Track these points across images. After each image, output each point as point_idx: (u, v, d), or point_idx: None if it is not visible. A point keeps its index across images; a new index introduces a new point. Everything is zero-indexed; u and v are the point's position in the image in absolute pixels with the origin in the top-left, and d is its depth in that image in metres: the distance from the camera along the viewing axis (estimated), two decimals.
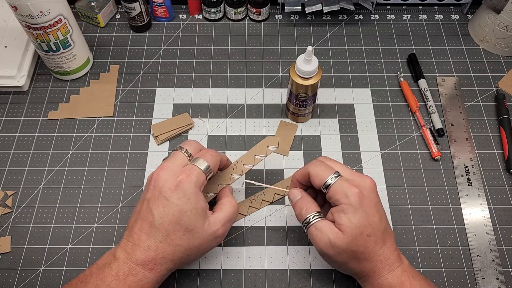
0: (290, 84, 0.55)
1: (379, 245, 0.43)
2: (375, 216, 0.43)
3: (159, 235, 0.42)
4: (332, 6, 0.69)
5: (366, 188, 0.43)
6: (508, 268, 0.51)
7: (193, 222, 0.42)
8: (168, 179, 0.42)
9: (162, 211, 0.42)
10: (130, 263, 0.41)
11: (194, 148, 0.47)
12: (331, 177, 0.44)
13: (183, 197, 0.42)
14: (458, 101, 0.63)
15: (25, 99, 0.64)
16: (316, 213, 0.45)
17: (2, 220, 0.54)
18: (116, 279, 0.40)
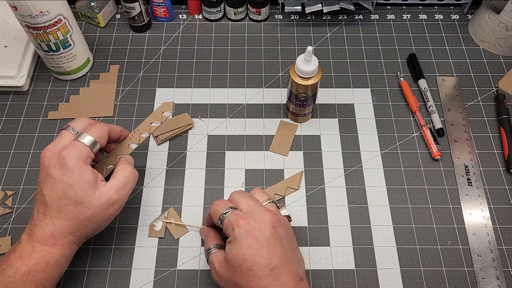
0: (290, 84, 0.55)
1: (265, 281, 0.40)
2: (261, 251, 0.41)
3: (52, 212, 0.43)
4: (332, 6, 0.69)
5: (259, 223, 0.42)
6: (508, 268, 0.51)
7: (80, 194, 0.43)
8: (52, 157, 0.44)
9: (51, 189, 0.43)
10: (32, 242, 0.43)
11: (81, 125, 0.47)
12: (223, 213, 0.44)
13: (66, 172, 0.43)
14: (458, 101, 0.63)
15: (25, 99, 0.64)
16: (214, 245, 0.46)
17: (2, 220, 0.54)
18: (21, 259, 0.42)
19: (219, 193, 0.56)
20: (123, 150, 0.51)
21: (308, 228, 0.53)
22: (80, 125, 0.47)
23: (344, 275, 0.50)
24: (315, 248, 0.52)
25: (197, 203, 0.55)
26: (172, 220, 0.53)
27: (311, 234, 0.53)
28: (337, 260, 0.51)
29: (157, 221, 0.53)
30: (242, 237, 0.41)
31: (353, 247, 0.52)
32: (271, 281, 0.40)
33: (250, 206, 0.45)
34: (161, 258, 0.52)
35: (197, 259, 0.51)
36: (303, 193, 0.56)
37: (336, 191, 0.56)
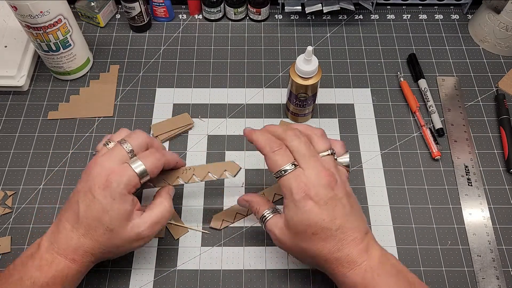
0: (290, 84, 0.55)
1: (332, 243, 0.40)
2: (323, 215, 0.40)
3: (81, 228, 0.42)
4: (332, 6, 0.69)
5: (317, 186, 0.40)
6: (508, 268, 0.51)
7: (114, 222, 0.42)
8: (100, 175, 0.42)
9: (87, 206, 0.42)
10: (53, 252, 0.42)
11: (139, 144, 0.45)
12: (283, 169, 0.42)
13: (109, 197, 0.41)
14: (458, 101, 0.63)
15: (25, 99, 0.64)
16: (267, 210, 0.45)
17: (2, 220, 0.54)
18: (39, 269, 0.41)
19: (219, 193, 0.56)
20: (169, 178, 0.48)
21: None
22: (137, 144, 0.45)
23: None
24: None
25: (197, 203, 0.55)
26: (172, 221, 0.53)
27: None
28: None
29: None
30: (301, 202, 0.40)
31: None
32: (337, 241, 0.40)
33: (306, 160, 0.42)
34: (161, 258, 0.52)
35: (197, 259, 0.52)
36: None
37: None
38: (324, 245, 0.41)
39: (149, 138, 0.46)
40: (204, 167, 0.49)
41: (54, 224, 0.44)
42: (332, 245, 0.40)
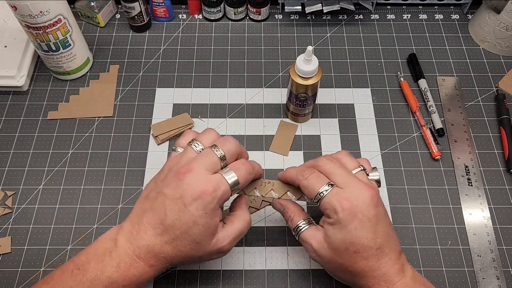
0: (290, 84, 0.55)
1: (371, 261, 0.41)
2: (367, 233, 0.40)
3: (166, 236, 0.40)
4: (332, 6, 0.69)
5: (361, 203, 0.41)
6: (509, 268, 0.51)
7: (202, 236, 0.40)
8: (194, 184, 0.40)
9: (176, 215, 0.40)
10: (133, 255, 0.40)
11: (230, 152, 0.43)
12: (321, 191, 0.42)
13: (201, 210, 0.39)
14: (458, 101, 0.63)
15: (24, 99, 0.64)
16: (301, 222, 0.45)
17: (2, 221, 0.54)
18: (117, 270, 0.39)
19: None
20: (249, 188, 0.46)
21: None
22: (229, 152, 0.42)
23: None
24: None
25: None
26: None
27: None
28: None
29: None
30: (347, 221, 0.40)
31: None
32: (377, 260, 0.41)
33: (345, 179, 0.42)
34: None
35: None
36: None
37: None
38: (365, 263, 0.41)
39: (240, 147, 0.44)
40: (282, 185, 0.47)
41: (132, 222, 0.41)
42: (372, 264, 0.41)
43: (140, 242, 0.40)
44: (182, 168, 0.41)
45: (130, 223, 0.42)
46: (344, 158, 0.45)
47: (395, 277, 0.41)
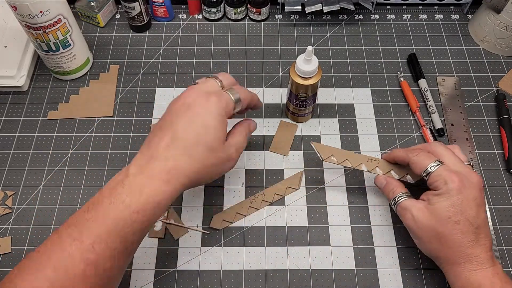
0: (290, 84, 0.55)
1: (468, 238, 0.43)
2: (471, 209, 0.43)
3: (180, 146, 0.40)
4: (332, 6, 0.69)
5: (469, 182, 0.44)
6: (508, 268, 0.51)
7: (214, 139, 0.41)
8: (199, 96, 0.42)
9: (187, 124, 0.41)
10: (144, 176, 0.39)
11: (227, 80, 0.46)
12: (431, 165, 0.46)
13: (210, 114, 0.41)
14: (458, 101, 0.63)
15: (24, 99, 0.64)
16: (402, 194, 0.48)
17: (2, 221, 0.54)
18: (131, 194, 0.38)
19: (219, 193, 0.56)
20: (354, 160, 0.52)
21: (308, 228, 0.53)
22: (225, 79, 0.46)
23: (344, 275, 0.50)
24: (315, 248, 0.52)
25: (197, 203, 0.55)
26: (172, 221, 0.53)
27: (311, 234, 0.53)
28: (337, 260, 0.51)
29: (157, 221, 0.53)
30: (455, 192, 0.43)
31: (353, 247, 0.52)
32: (472, 239, 0.43)
33: (456, 163, 0.46)
34: (161, 258, 0.51)
35: (197, 259, 0.51)
36: (303, 193, 0.56)
37: (336, 191, 0.56)
38: (462, 237, 0.43)
39: (234, 79, 0.48)
40: (388, 164, 0.52)
41: (142, 150, 0.42)
42: (468, 240, 0.43)
43: (152, 162, 0.40)
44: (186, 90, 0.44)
45: (140, 152, 0.42)
46: (456, 151, 0.49)
47: (487, 262, 0.43)
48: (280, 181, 0.57)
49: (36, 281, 0.35)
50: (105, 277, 0.37)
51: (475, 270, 0.42)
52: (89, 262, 0.36)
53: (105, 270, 0.37)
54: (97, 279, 0.37)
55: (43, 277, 0.35)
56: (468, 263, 0.43)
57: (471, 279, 0.42)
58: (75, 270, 0.36)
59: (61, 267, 0.35)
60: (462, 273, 0.43)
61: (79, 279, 0.36)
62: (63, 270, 0.35)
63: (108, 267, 0.37)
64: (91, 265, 0.36)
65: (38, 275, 0.35)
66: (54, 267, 0.35)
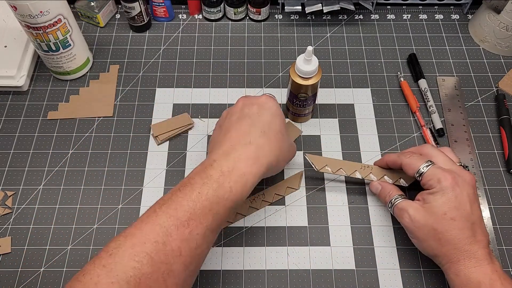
0: (290, 84, 0.55)
1: (465, 234, 0.43)
2: (465, 205, 0.44)
3: (257, 131, 0.44)
4: (332, 6, 0.69)
5: (462, 179, 0.45)
6: (508, 268, 0.51)
7: (282, 125, 0.47)
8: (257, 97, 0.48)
9: (257, 113, 0.46)
10: (231, 159, 0.42)
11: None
12: (423, 166, 0.47)
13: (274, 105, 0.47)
14: (458, 101, 0.63)
15: (24, 99, 0.64)
16: (398, 196, 0.50)
17: (2, 221, 0.54)
18: (222, 175, 0.41)
19: None
20: (348, 169, 0.54)
21: (308, 228, 0.53)
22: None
23: (344, 275, 0.50)
24: (315, 248, 0.52)
25: None
26: None
27: (311, 234, 0.53)
28: (337, 260, 0.51)
29: None
30: (449, 189, 0.44)
31: (353, 247, 0.52)
32: (469, 235, 0.43)
33: (447, 163, 0.47)
34: None
35: None
36: (303, 193, 0.56)
37: (336, 191, 0.56)
38: (458, 233, 0.43)
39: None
40: (380, 170, 0.54)
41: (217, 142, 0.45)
42: (465, 236, 0.43)
43: (235, 146, 0.43)
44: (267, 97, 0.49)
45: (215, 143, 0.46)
46: (447, 152, 0.50)
47: (485, 259, 0.43)
48: (280, 181, 0.56)
49: (137, 255, 0.36)
50: (196, 254, 0.39)
51: (474, 267, 0.43)
52: (184, 238, 0.38)
53: (197, 247, 0.39)
54: (190, 255, 0.38)
55: (143, 251, 0.36)
56: (467, 260, 0.43)
57: (471, 276, 0.43)
58: (172, 245, 0.37)
59: (160, 242, 0.37)
60: (461, 270, 0.43)
61: (175, 254, 0.37)
62: (162, 245, 0.37)
63: (200, 243, 0.39)
64: (185, 241, 0.38)
65: (137, 249, 0.36)
66: (153, 242, 0.37)
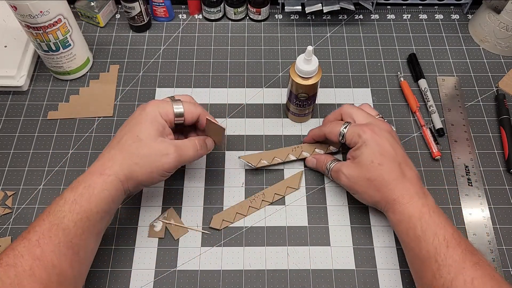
0: (290, 84, 0.55)
1: (394, 175, 0.47)
2: (387, 149, 0.47)
3: (114, 143, 0.46)
4: (332, 6, 0.68)
5: (379, 128, 0.49)
6: (508, 268, 0.51)
7: (144, 132, 0.46)
8: (143, 104, 0.48)
9: (124, 125, 0.48)
10: (86, 173, 0.44)
11: (184, 98, 0.51)
12: (342, 128, 0.51)
13: (142, 113, 0.47)
14: (458, 101, 0.63)
15: (24, 99, 0.64)
16: (331, 161, 0.53)
17: (2, 221, 0.54)
18: (70, 190, 0.43)
19: (219, 193, 0.56)
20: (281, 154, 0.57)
21: (308, 228, 0.53)
22: (183, 98, 0.51)
23: (344, 275, 0.50)
24: (315, 248, 0.52)
25: (197, 203, 0.55)
26: (172, 221, 0.53)
27: (311, 234, 0.53)
28: (337, 260, 0.51)
29: (157, 221, 0.53)
30: (370, 140, 0.48)
31: (353, 247, 0.52)
32: (399, 175, 0.47)
33: (365, 117, 0.51)
34: (161, 259, 0.52)
35: (197, 259, 0.51)
36: (303, 193, 0.56)
37: (336, 191, 0.56)
38: (388, 175, 0.47)
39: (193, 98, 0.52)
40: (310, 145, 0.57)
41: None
42: (394, 177, 0.47)
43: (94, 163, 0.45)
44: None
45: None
46: (366, 108, 0.54)
47: (417, 195, 0.46)
48: (280, 181, 0.57)
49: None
50: (54, 274, 0.40)
51: (408, 203, 0.46)
52: (36, 257, 0.39)
53: (54, 266, 0.40)
54: (46, 275, 0.39)
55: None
56: (401, 198, 0.46)
57: (404, 211, 0.46)
58: (24, 266, 0.39)
59: (11, 264, 0.38)
60: (397, 208, 0.46)
61: (27, 274, 0.38)
62: (13, 267, 0.38)
63: (57, 262, 0.40)
64: (38, 260, 0.39)
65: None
66: (5, 265, 0.38)
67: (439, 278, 0.41)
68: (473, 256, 0.42)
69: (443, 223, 0.44)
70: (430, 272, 0.42)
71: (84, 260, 0.44)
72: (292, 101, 0.57)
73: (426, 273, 0.43)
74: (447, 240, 0.43)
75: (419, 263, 0.44)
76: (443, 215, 0.45)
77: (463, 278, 0.40)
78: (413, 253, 0.45)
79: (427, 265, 0.43)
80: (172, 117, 0.48)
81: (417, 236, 0.44)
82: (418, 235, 0.44)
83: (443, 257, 0.42)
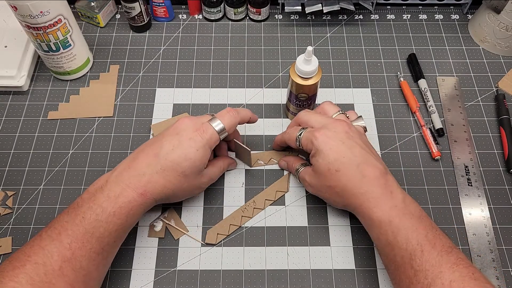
0: (290, 84, 0.55)
1: (355, 179, 0.45)
2: (342, 152, 0.45)
3: (158, 167, 0.45)
4: (332, 6, 0.69)
5: (332, 131, 0.47)
6: (508, 268, 0.51)
7: (190, 170, 0.46)
8: (189, 126, 0.47)
9: (171, 148, 0.46)
10: (123, 185, 0.44)
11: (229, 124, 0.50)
12: (298, 135, 0.50)
13: (193, 147, 0.46)
14: (458, 101, 0.63)
15: (25, 99, 0.64)
16: (299, 165, 0.53)
17: (3, 221, 0.54)
18: (107, 199, 0.43)
19: (219, 193, 0.56)
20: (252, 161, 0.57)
21: (308, 228, 0.53)
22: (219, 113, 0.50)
23: (344, 275, 0.51)
24: (315, 248, 0.52)
25: (197, 203, 0.55)
26: (172, 221, 0.53)
27: (311, 234, 0.53)
28: (337, 260, 0.51)
29: (157, 221, 0.53)
30: (322, 145, 0.46)
31: (353, 247, 0.52)
32: (360, 178, 0.45)
33: (320, 121, 0.49)
34: (161, 258, 0.52)
35: (197, 259, 0.52)
36: (303, 193, 0.56)
37: None
38: (348, 180, 0.45)
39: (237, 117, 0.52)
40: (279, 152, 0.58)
41: (126, 161, 0.47)
42: (356, 181, 0.45)
43: (131, 173, 0.45)
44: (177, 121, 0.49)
45: (124, 162, 0.47)
46: (325, 107, 0.53)
47: (383, 196, 0.44)
48: (268, 186, 0.56)
49: (16, 276, 0.38)
50: (81, 275, 0.41)
51: (374, 207, 0.44)
52: (66, 259, 0.40)
53: (82, 268, 0.41)
54: (74, 275, 0.41)
55: (22, 272, 0.39)
56: (366, 202, 0.44)
57: (372, 217, 0.44)
58: (53, 265, 0.40)
59: (40, 262, 0.39)
60: (365, 213, 0.45)
61: (56, 274, 0.39)
62: (42, 266, 0.39)
63: (85, 265, 0.41)
64: (67, 262, 0.40)
65: (17, 271, 0.39)
66: (33, 263, 0.39)
67: (416, 283, 0.40)
68: (450, 256, 0.40)
69: (415, 226, 0.42)
70: (407, 278, 0.41)
71: (109, 263, 0.46)
72: (292, 101, 0.57)
73: (403, 278, 0.41)
74: (421, 244, 0.41)
75: (394, 269, 0.43)
76: (414, 215, 0.43)
77: (440, 282, 0.39)
78: (387, 259, 0.44)
79: (402, 271, 0.42)
80: (218, 139, 0.49)
81: (389, 242, 0.43)
82: (390, 241, 0.42)
83: (419, 263, 0.40)
